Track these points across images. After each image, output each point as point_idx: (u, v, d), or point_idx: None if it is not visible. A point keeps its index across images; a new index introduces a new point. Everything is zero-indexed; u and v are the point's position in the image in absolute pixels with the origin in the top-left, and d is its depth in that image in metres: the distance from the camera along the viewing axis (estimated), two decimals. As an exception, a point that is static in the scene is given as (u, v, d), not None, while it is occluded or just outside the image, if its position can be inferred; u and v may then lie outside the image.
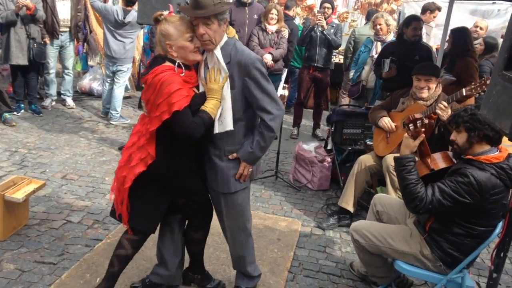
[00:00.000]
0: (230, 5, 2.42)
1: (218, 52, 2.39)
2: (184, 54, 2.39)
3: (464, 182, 2.43)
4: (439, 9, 6.91)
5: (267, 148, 2.54)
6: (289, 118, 7.26)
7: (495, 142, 2.54)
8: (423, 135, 2.65)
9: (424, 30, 6.78)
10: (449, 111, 3.39)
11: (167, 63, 2.38)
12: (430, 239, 2.67)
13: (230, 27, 2.52)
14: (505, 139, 2.15)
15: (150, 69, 2.39)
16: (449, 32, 5.10)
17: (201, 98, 2.43)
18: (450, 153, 2.82)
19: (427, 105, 3.60)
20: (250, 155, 2.51)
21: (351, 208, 3.94)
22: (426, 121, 2.62)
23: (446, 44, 4.94)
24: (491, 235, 2.54)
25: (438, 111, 3.40)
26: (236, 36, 2.55)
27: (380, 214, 3.11)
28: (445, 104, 3.41)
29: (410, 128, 2.65)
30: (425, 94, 3.62)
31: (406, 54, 4.74)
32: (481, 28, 6.08)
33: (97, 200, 4.01)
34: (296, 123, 6.62)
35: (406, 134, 2.70)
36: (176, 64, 2.38)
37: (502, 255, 2.10)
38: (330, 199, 4.55)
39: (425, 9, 6.91)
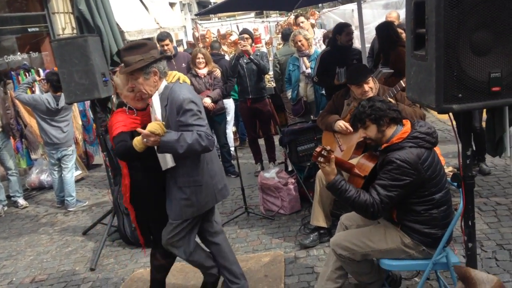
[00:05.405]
0: (155, 58, 2.80)
1: (155, 99, 2.81)
2: (128, 101, 2.96)
3: (394, 167, 2.53)
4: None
5: (185, 148, 2.61)
6: (246, 153, 7.26)
7: (399, 120, 2.71)
8: (333, 156, 2.70)
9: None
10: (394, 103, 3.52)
11: (123, 107, 2.98)
12: (404, 227, 2.69)
13: (172, 73, 2.88)
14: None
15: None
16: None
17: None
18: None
19: None
20: (170, 139, 2.62)
21: (324, 224, 3.91)
22: (328, 147, 2.72)
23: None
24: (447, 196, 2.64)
25: None
26: (181, 78, 2.88)
27: (349, 228, 3.07)
28: (391, 100, 3.57)
29: (321, 160, 2.69)
30: (371, 94, 3.71)
31: (346, 59, 4.90)
32: (392, 21, 6.34)
33: (72, 293, 3.81)
34: (257, 159, 6.42)
35: (321, 165, 2.72)
36: (127, 107, 2.96)
37: (470, 223, 2.12)
38: (305, 218, 4.52)
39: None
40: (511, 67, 1.89)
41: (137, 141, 2.68)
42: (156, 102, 2.79)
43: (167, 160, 2.82)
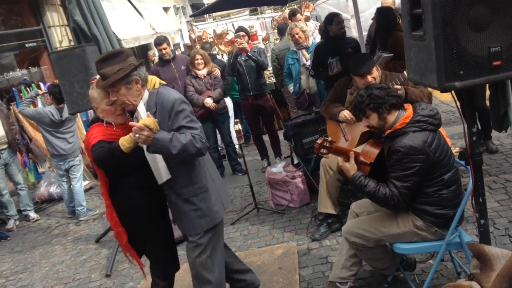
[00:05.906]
0: (134, 65, 2.58)
1: (140, 108, 2.58)
2: (107, 116, 2.72)
3: (401, 156, 2.53)
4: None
5: (179, 148, 2.41)
6: (252, 150, 7.27)
7: (400, 105, 2.69)
8: (352, 152, 2.76)
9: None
10: (403, 89, 3.50)
11: (99, 122, 2.73)
12: (415, 210, 2.69)
13: (153, 78, 2.67)
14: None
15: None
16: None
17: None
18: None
19: None
20: (163, 137, 2.41)
21: (332, 211, 3.92)
22: (330, 138, 2.74)
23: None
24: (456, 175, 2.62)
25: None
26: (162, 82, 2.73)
27: (360, 215, 3.07)
28: (398, 87, 3.53)
29: (324, 152, 2.73)
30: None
31: (340, 48, 4.90)
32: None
33: (90, 301, 3.84)
34: (263, 155, 6.42)
35: (339, 162, 2.81)
36: (105, 121, 2.72)
37: (480, 200, 2.12)
38: (315, 210, 4.51)
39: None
40: (511, 40, 1.88)
41: (124, 140, 2.46)
42: (142, 112, 2.56)
43: (161, 173, 2.61)
